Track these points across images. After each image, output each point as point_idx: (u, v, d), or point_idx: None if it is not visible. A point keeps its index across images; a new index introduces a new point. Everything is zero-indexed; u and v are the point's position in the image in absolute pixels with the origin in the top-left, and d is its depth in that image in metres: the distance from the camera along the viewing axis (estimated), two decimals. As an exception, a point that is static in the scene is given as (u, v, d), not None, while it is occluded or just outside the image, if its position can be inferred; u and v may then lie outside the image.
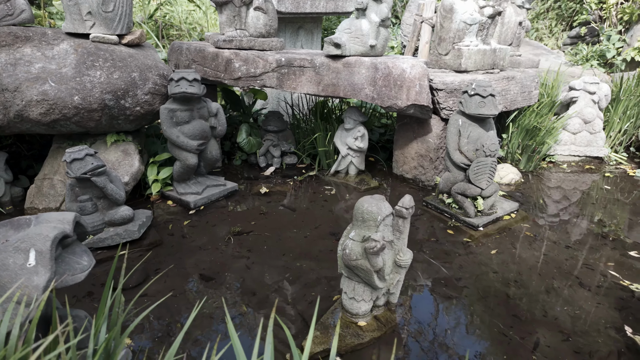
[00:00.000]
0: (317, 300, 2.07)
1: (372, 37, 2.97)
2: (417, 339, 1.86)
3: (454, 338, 1.87)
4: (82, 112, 2.61)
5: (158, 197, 3.15)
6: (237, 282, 2.24)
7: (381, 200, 1.73)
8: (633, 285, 2.23)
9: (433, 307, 2.07)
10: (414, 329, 1.92)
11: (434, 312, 2.04)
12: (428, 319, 1.99)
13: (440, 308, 2.07)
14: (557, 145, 3.93)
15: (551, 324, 1.97)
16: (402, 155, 3.50)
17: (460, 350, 1.80)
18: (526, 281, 2.28)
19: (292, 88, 3.06)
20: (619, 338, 1.88)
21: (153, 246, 2.54)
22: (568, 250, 2.59)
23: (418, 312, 2.02)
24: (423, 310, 2.05)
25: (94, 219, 2.44)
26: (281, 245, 2.60)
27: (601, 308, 2.09)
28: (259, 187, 3.38)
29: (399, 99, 2.86)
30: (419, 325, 1.94)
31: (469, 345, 1.83)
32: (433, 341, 1.85)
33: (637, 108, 3.92)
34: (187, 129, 2.86)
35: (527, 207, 3.11)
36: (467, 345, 1.83)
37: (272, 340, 1.01)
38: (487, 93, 2.56)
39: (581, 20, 7.14)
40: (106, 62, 2.74)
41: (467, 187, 2.69)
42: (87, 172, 2.32)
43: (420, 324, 1.95)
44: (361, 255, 1.69)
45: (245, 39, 3.18)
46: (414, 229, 2.80)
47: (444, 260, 2.45)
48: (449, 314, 2.03)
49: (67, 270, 1.19)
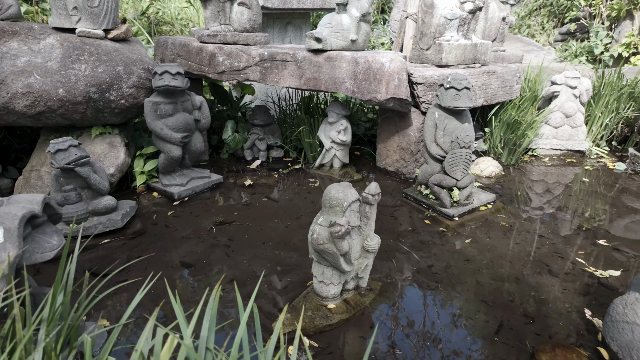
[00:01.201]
0: (291, 285, 2.15)
1: (353, 31, 3.03)
2: (385, 321, 1.93)
3: (420, 320, 1.95)
4: (67, 104, 2.67)
5: (144, 189, 3.22)
6: (216, 269, 2.31)
7: (348, 187, 1.79)
8: (597, 271, 2.30)
9: (403, 292, 2.14)
10: (382, 312, 1.99)
11: (403, 296, 2.11)
12: (397, 303, 2.06)
13: (409, 293, 2.14)
14: (539, 139, 4.00)
15: (516, 309, 2.04)
16: (384, 149, 3.56)
17: (425, 331, 1.87)
18: (497, 269, 2.35)
19: (275, 82, 3.13)
20: (579, 321, 1.95)
21: (136, 235, 2.61)
22: (541, 239, 2.66)
23: (387, 297, 2.09)
24: (393, 294, 2.12)
25: (77, 208, 2.51)
26: (262, 234, 2.67)
27: (567, 293, 2.16)
28: (243, 179, 3.45)
29: (378, 92, 2.92)
30: (387, 308, 2.01)
31: (433, 327, 1.90)
32: (400, 323, 1.92)
33: (616, 103, 3.98)
34: (171, 122, 2.92)
35: (504, 199, 3.18)
36: (432, 327, 1.90)
37: (245, 323, 1.06)
38: (462, 86, 2.63)
39: (572, 17, 7.19)
40: (91, 56, 2.81)
41: (443, 178, 2.76)
42: (71, 162, 2.39)
43: (389, 308, 2.02)
44: (328, 239, 1.76)
45: (229, 34, 3.24)
46: (393, 220, 2.87)
47: (419, 249, 2.52)
48: (418, 299, 2.10)
49: (37, 248, 1.26)
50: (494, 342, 1.82)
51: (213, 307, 0.99)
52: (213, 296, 1.05)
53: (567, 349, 1.75)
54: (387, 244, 2.57)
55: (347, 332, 1.85)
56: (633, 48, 5.62)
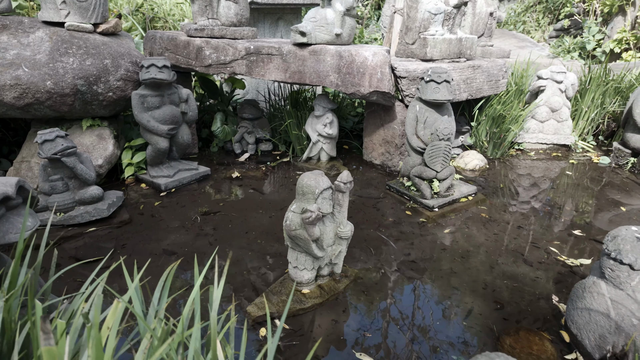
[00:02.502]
0: (270, 272, 2.21)
1: (338, 25, 3.07)
2: (357, 305, 1.99)
3: (392, 305, 2.00)
4: (55, 96, 2.73)
5: (133, 181, 3.28)
6: (198, 256, 2.37)
7: (320, 175, 1.85)
8: (569, 260, 2.35)
9: (378, 279, 2.20)
10: (356, 297, 2.05)
11: (378, 283, 2.17)
12: (371, 289, 2.11)
13: (384, 280, 2.20)
14: (526, 133, 4.04)
15: (488, 295, 2.10)
16: (370, 142, 3.61)
17: (396, 315, 1.93)
18: (472, 258, 2.40)
19: (261, 75, 3.18)
20: (547, 307, 2.00)
21: (122, 224, 2.68)
22: (519, 230, 2.71)
23: (362, 283, 2.15)
24: (367, 281, 2.17)
25: (64, 197, 2.57)
26: (246, 224, 2.73)
27: (538, 281, 2.21)
28: (231, 172, 3.51)
29: (361, 85, 2.97)
30: (361, 294, 2.07)
31: (404, 312, 1.96)
32: (372, 308, 1.98)
33: (602, 98, 4.01)
34: (158, 114, 2.98)
35: (487, 191, 3.23)
36: (403, 312, 1.96)
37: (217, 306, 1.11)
38: (442, 79, 2.67)
39: (566, 13, 7.21)
40: (79, 50, 2.86)
41: (424, 170, 2.81)
42: (57, 152, 2.45)
43: (363, 293, 2.07)
44: (300, 225, 1.81)
45: (216, 28, 3.29)
46: (375, 211, 2.93)
47: (398, 239, 2.58)
48: (392, 285, 2.16)
49: (11, 229, 1.32)
50: (462, 326, 1.88)
51: (167, 280, 1.05)
52: (168, 271, 1.10)
53: (530, 332, 1.81)
54: (367, 234, 2.62)
55: (320, 315, 1.91)
56: (625, 44, 5.64)
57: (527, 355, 1.69)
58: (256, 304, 1.91)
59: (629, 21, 5.70)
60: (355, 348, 1.73)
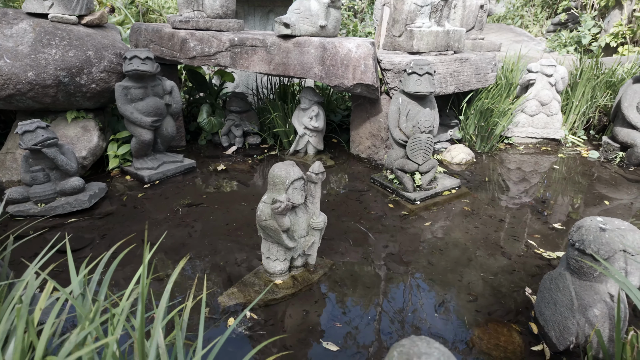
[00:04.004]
0: (246, 263, 2.22)
1: (322, 17, 3.06)
2: (330, 296, 1.99)
3: (365, 296, 2.00)
4: (37, 87, 2.74)
5: (118, 172, 3.29)
6: (176, 246, 2.38)
7: (291, 166, 1.85)
8: (546, 253, 2.34)
9: (353, 270, 2.20)
10: (329, 287, 2.05)
11: (353, 274, 2.17)
12: (346, 280, 2.11)
13: (359, 271, 2.20)
14: (515, 127, 4.01)
15: (463, 287, 2.09)
16: (357, 136, 3.60)
17: (366, 306, 1.93)
18: (451, 250, 2.40)
19: (245, 67, 3.17)
20: (520, 299, 2.00)
21: (104, 215, 2.69)
22: (500, 223, 2.70)
23: (337, 274, 2.15)
24: (343, 272, 2.17)
25: (45, 188, 2.58)
26: (227, 216, 2.73)
27: (515, 274, 2.21)
28: (217, 164, 3.51)
29: (345, 78, 2.96)
30: (335, 284, 2.07)
31: (377, 302, 1.96)
32: (344, 299, 1.98)
33: (593, 91, 3.97)
34: (141, 106, 2.98)
35: (471, 185, 3.22)
36: (375, 303, 1.96)
37: (144, 281, 1.12)
38: (424, 71, 2.66)
39: (564, 7, 7.13)
40: (62, 41, 2.86)
41: (406, 162, 2.80)
42: (37, 143, 2.46)
43: (337, 284, 2.08)
44: (270, 216, 1.81)
45: (202, 20, 3.28)
46: (358, 203, 2.92)
47: (378, 231, 2.57)
48: (367, 277, 2.16)
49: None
50: (433, 317, 1.88)
51: (112, 267, 1.06)
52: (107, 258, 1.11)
53: (499, 324, 1.80)
54: (347, 226, 2.62)
55: (291, 306, 1.92)
56: (621, 38, 5.58)
57: (494, 347, 1.69)
58: (228, 294, 1.92)
59: (626, 15, 5.63)
60: (324, 338, 1.73)
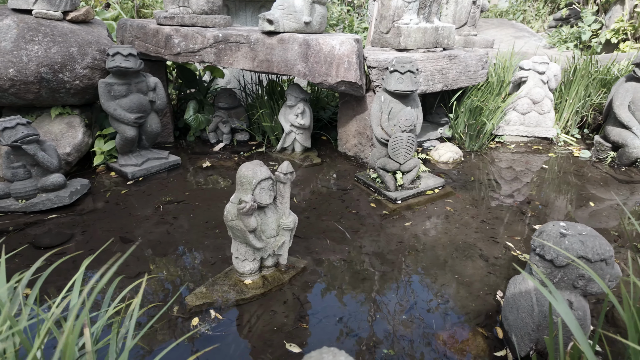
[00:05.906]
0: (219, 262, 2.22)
1: (307, 13, 3.02)
2: (299, 296, 1.99)
3: (334, 297, 2.00)
4: (18, 84, 2.75)
5: (104, 169, 3.30)
6: (153, 244, 2.38)
7: (258, 165, 1.84)
8: (522, 255, 2.31)
9: (326, 270, 2.19)
10: (299, 288, 2.04)
11: (326, 274, 2.16)
12: (317, 280, 2.11)
13: (332, 271, 2.19)
14: (506, 126, 3.96)
15: (435, 289, 2.08)
16: (344, 133, 3.58)
17: (336, 307, 1.92)
18: (428, 251, 2.38)
19: (229, 64, 3.15)
20: (492, 302, 1.98)
21: (85, 212, 2.70)
22: (482, 224, 2.67)
23: (309, 274, 2.14)
24: (315, 272, 2.16)
25: (26, 184, 2.60)
26: (207, 214, 2.73)
27: (490, 277, 2.18)
28: (202, 161, 3.51)
29: (329, 75, 2.93)
30: (305, 285, 2.07)
31: (345, 304, 1.95)
32: (313, 299, 1.98)
33: (587, 89, 3.90)
34: (125, 103, 2.98)
35: (457, 185, 3.18)
36: (343, 304, 1.95)
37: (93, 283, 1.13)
38: (406, 69, 2.62)
39: (566, 2, 7.00)
40: (45, 37, 2.86)
41: (387, 161, 2.78)
42: (17, 140, 2.47)
43: (307, 284, 2.07)
44: (236, 216, 1.81)
45: (187, 16, 3.26)
46: (340, 202, 2.91)
47: (356, 230, 2.56)
48: (339, 277, 2.15)
49: None
50: (401, 321, 1.87)
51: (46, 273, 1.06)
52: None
53: (466, 328, 1.79)
54: (326, 225, 2.61)
55: (259, 306, 1.92)
56: (622, 34, 5.46)
57: (458, 352, 1.68)
58: (196, 293, 1.92)
59: (627, 10, 5.50)
60: (288, 339, 1.73)
